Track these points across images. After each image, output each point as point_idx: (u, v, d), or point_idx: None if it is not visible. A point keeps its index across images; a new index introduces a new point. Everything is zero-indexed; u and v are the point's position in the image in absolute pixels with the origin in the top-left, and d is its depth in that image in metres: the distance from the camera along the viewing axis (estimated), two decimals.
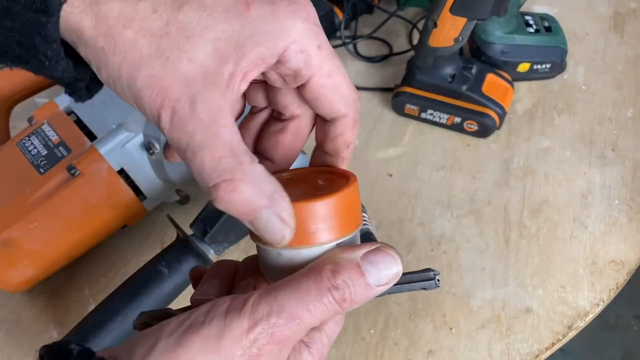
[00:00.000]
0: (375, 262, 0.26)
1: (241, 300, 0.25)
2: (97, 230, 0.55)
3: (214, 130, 0.24)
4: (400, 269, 0.27)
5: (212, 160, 0.24)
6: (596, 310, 0.55)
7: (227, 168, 0.24)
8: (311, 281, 0.25)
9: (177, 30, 0.25)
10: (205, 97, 0.24)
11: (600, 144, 0.67)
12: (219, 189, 0.24)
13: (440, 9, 0.60)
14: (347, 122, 0.30)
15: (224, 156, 0.24)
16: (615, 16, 0.82)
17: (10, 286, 0.53)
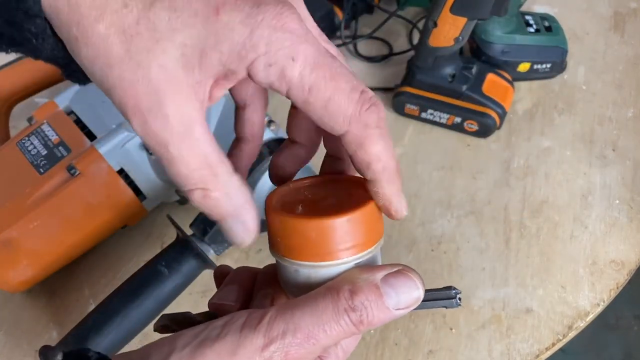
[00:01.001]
0: (396, 285, 0.26)
1: (257, 316, 0.25)
2: (97, 230, 0.55)
3: (187, 144, 0.25)
4: (421, 294, 0.26)
5: (187, 170, 0.25)
6: (596, 310, 0.55)
7: (201, 179, 0.25)
8: (328, 301, 0.25)
9: (147, 31, 0.24)
10: (176, 109, 0.24)
11: (601, 144, 0.67)
12: (193, 193, 0.26)
13: (441, 8, 0.60)
14: (351, 140, 0.26)
15: (198, 168, 0.25)
16: (615, 16, 0.82)
17: (10, 286, 0.53)
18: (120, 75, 0.24)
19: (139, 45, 0.24)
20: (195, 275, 0.50)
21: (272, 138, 0.52)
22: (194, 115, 0.24)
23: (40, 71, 0.62)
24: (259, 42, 0.23)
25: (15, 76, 0.61)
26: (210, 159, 0.25)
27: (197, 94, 0.24)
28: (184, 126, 0.24)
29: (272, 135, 0.52)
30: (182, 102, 0.24)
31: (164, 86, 0.24)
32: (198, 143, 0.25)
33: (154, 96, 0.24)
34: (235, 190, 0.26)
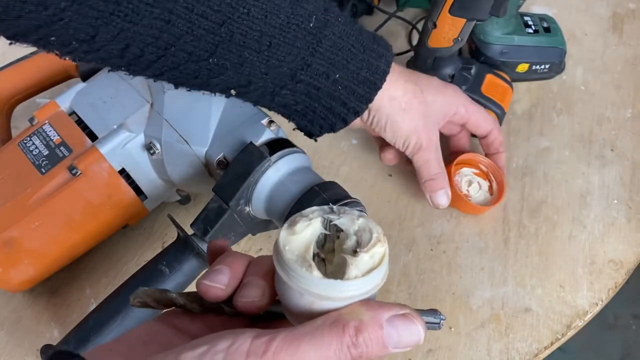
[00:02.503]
0: (399, 328, 0.26)
1: (263, 343, 0.25)
2: (98, 230, 0.55)
3: (437, 156, 0.56)
4: (421, 339, 0.27)
5: (436, 165, 0.56)
6: (595, 310, 0.55)
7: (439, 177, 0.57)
8: (334, 335, 0.25)
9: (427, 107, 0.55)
10: (435, 133, 0.56)
11: (599, 144, 0.68)
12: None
13: (440, 9, 0.61)
14: (496, 132, 0.60)
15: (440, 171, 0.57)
16: (614, 17, 0.83)
17: (12, 286, 0.53)
18: (416, 126, 0.54)
19: (422, 113, 0.54)
20: (196, 274, 0.50)
21: (272, 138, 0.52)
22: (436, 139, 0.56)
23: (42, 72, 0.62)
24: (456, 100, 0.57)
25: (16, 77, 0.61)
26: (442, 164, 0.57)
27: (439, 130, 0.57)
28: (436, 147, 0.56)
29: (272, 135, 0.52)
30: (435, 136, 0.56)
31: (431, 128, 0.56)
32: (439, 156, 0.57)
33: (427, 134, 0.55)
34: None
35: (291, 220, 0.30)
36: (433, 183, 0.56)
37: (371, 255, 0.28)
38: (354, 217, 0.30)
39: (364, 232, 0.30)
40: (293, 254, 0.28)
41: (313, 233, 0.30)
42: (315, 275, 0.27)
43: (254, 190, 0.50)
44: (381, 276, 0.28)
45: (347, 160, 0.68)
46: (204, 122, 0.53)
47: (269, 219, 0.53)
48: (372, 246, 0.29)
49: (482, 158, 0.63)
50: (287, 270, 0.28)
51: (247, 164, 0.49)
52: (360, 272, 0.28)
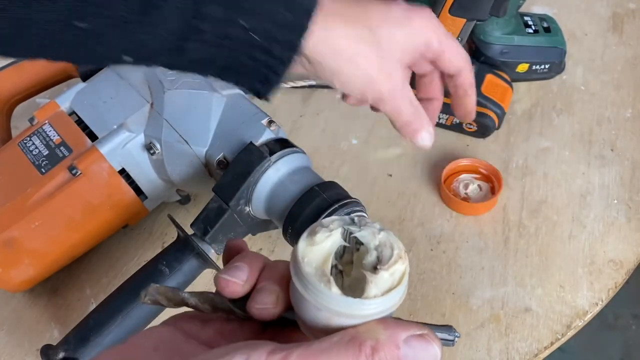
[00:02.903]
0: (416, 349, 0.26)
1: (279, 359, 0.25)
2: (98, 229, 0.55)
3: (406, 99, 0.45)
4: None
5: (406, 109, 0.45)
6: (595, 310, 0.55)
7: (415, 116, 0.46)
8: (350, 353, 0.25)
9: (382, 40, 0.43)
10: (396, 76, 0.44)
11: (599, 144, 0.68)
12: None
13: (439, 9, 0.61)
14: (468, 71, 0.47)
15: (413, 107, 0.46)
16: (614, 17, 0.83)
17: (12, 286, 0.53)
18: (367, 56, 0.43)
19: (374, 45, 0.43)
20: (196, 274, 0.50)
21: (272, 138, 0.52)
22: (402, 77, 0.45)
23: (42, 72, 0.62)
24: (426, 31, 0.44)
25: (16, 77, 0.61)
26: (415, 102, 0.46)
27: (404, 67, 0.45)
28: (401, 83, 0.45)
29: (272, 135, 0.52)
30: (398, 72, 0.44)
31: (393, 63, 0.44)
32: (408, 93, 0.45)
33: (387, 68, 0.44)
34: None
35: (311, 230, 0.29)
36: (408, 128, 0.46)
37: (391, 273, 0.28)
38: (375, 231, 0.29)
39: (385, 248, 0.29)
40: (311, 267, 0.28)
41: (333, 245, 0.29)
42: (334, 292, 0.27)
43: (254, 190, 0.50)
44: (400, 295, 0.28)
45: (347, 160, 0.68)
46: (204, 122, 0.53)
47: (269, 219, 0.53)
48: (393, 264, 0.28)
49: (479, 162, 0.63)
50: (304, 284, 0.28)
51: (247, 164, 0.49)
52: (380, 291, 0.27)
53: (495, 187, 0.63)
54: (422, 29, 0.45)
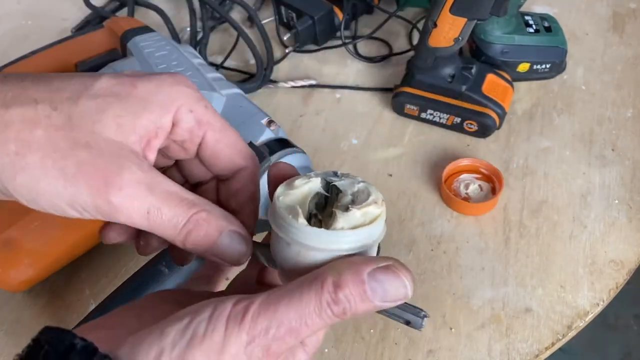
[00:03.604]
0: (383, 281, 0.25)
1: (241, 309, 0.25)
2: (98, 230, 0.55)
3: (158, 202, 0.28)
4: (409, 293, 0.26)
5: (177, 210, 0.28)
6: (596, 310, 0.55)
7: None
8: (312, 293, 0.25)
9: (82, 120, 0.27)
10: (130, 177, 0.27)
11: (600, 144, 0.67)
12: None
13: (440, 9, 0.61)
14: (248, 174, 0.32)
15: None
16: (614, 16, 0.82)
17: (11, 286, 0.53)
18: (79, 161, 0.27)
19: (80, 132, 0.27)
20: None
21: (272, 138, 0.52)
22: (142, 176, 0.28)
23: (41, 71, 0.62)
24: (178, 96, 0.29)
25: None
26: (182, 194, 0.29)
27: (139, 155, 0.28)
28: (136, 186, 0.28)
29: (272, 135, 0.52)
30: (132, 167, 0.27)
31: (117, 154, 0.27)
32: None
33: (114, 166, 0.27)
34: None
35: (292, 178, 0.30)
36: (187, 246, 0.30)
37: (363, 213, 0.28)
38: (355, 182, 0.30)
39: (362, 193, 0.29)
40: (284, 204, 0.28)
41: (310, 190, 0.30)
42: (301, 222, 0.27)
43: None
44: (370, 235, 0.28)
45: (347, 160, 0.68)
46: None
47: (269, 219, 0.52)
48: (366, 205, 0.28)
49: (479, 162, 0.64)
50: (276, 220, 0.28)
51: None
52: (348, 225, 0.27)
53: (495, 187, 0.63)
54: (162, 98, 0.29)
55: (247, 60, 0.80)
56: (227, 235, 0.29)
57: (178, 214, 0.28)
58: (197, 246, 0.29)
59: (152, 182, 0.27)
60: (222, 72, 0.69)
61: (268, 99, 0.74)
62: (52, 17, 0.90)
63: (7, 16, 0.91)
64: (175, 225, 0.28)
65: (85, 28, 0.83)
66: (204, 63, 0.60)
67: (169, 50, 0.59)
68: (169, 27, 0.79)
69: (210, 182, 0.34)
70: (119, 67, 0.58)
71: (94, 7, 0.87)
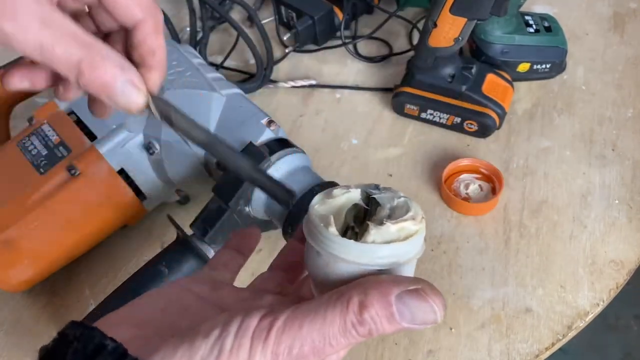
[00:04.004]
0: (411, 306, 0.24)
1: (267, 324, 0.24)
2: (97, 230, 0.55)
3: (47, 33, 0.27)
4: (438, 319, 0.25)
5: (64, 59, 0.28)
6: (596, 310, 0.55)
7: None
8: (337, 312, 0.24)
9: None
10: (24, 9, 0.26)
11: (600, 144, 0.67)
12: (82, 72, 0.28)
13: (440, 9, 0.60)
14: (147, 28, 0.31)
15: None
16: (615, 16, 0.82)
17: (11, 286, 0.53)
18: None
19: None
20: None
21: (272, 138, 0.52)
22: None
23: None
24: None
25: None
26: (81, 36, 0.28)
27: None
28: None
29: (272, 135, 0.52)
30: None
31: None
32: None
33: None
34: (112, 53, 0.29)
35: (332, 188, 0.29)
36: (87, 76, 0.29)
37: (399, 228, 0.26)
38: (396, 196, 0.28)
39: (400, 208, 0.28)
40: (318, 213, 0.27)
41: (348, 201, 0.29)
42: (331, 231, 0.26)
43: (253, 191, 0.50)
44: (405, 252, 0.26)
45: (347, 160, 0.67)
46: (203, 121, 0.53)
47: (269, 219, 0.52)
48: (403, 220, 0.26)
49: (479, 162, 0.64)
50: (309, 227, 0.27)
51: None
52: (380, 239, 0.26)
53: (496, 187, 0.63)
54: None
55: (247, 60, 0.80)
56: (120, 83, 0.29)
57: (72, 53, 0.27)
58: (92, 87, 0.29)
59: (47, 17, 0.27)
60: (222, 72, 0.69)
61: (268, 99, 0.74)
62: None
63: None
64: (68, 62, 0.28)
65: None
66: (204, 63, 0.60)
67: (169, 50, 0.59)
68: (169, 27, 0.79)
69: (119, 32, 0.34)
70: None
71: None
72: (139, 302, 0.29)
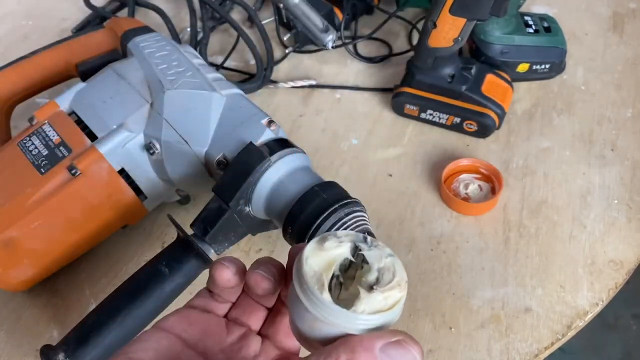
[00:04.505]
0: (394, 357, 0.26)
1: None
2: (98, 230, 0.55)
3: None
4: None
5: None
6: (595, 310, 0.55)
7: None
8: None
9: None
10: None
11: (600, 144, 0.68)
12: None
13: (440, 9, 0.61)
14: None
15: None
16: (614, 16, 0.82)
17: (11, 286, 0.53)
18: None
19: None
20: (196, 275, 0.50)
21: (272, 138, 0.52)
22: None
23: (42, 72, 0.62)
24: None
25: (16, 77, 0.61)
26: None
27: None
28: None
29: (272, 135, 0.52)
30: None
31: None
32: None
33: None
34: None
35: (323, 236, 0.30)
36: None
37: (386, 297, 0.28)
38: (384, 255, 0.30)
39: (387, 272, 0.29)
40: (312, 269, 0.29)
41: (339, 255, 0.30)
42: (325, 297, 0.27)
43: (253, 190, 0.50)
44: (388, 320, 0.28)
45: (347, 160, 0.68)
46: (203, 122, 0.53)
47: (269, 219, 0.52)
48: (390, 289, 0.28)
49: (479, 162, 0.64)
50: (301, 282, 0.29)
51: (247, 164, 0.49)
52: (369, 309, 0.28)
53: (495, 187, 0.63)
54: None
55: (247, 61, 0.80)
56: None
57: None
58: None
59: None
60: (222, 73, 0.69)
61: (268, 99, 0.74)
62: (52, 17, 0.90)
63: (7, 16, 0.91)
64: None
65: (85, 28, 0.83)
66: (204, 63, 0.60)
67: (169, 50, 0.59)
68: (169, 28, 0.79)
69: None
70: (119, 67, 0.58)
71: (94, 8, 0.87)
72: (131, 356, 0.29)
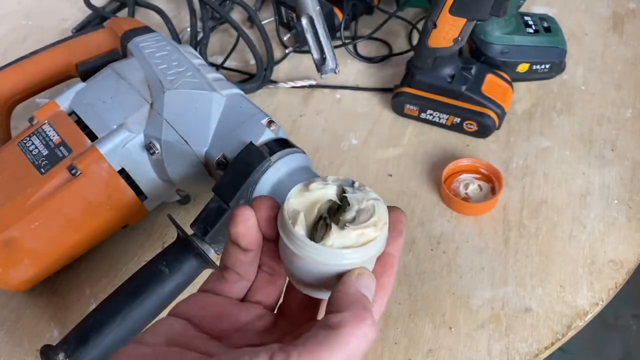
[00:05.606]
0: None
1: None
2: (98, 230, 0.55)
3: None
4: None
5: None
6: (595, 310, 0.55)
7: None
8: (355, 325, 0.26)
9: None
10: None
11: (600, 144, 0.68)
12: None
13: (440, 9, 0.61)
14: None
15: None
16: (614, 16, 0.83)
17: (11, 286, 0.53)
18: None
19: None
20: (196, 274, 0.50)
21: (272, 138, 0.52)
22: None
23: (42, 72, 0.62)
24: None
25: (16, 77, 0.61)
26: None
27: None
28: None
29: (272, 135, 0.52)
30: None
31: None
32: None
33: None
34: None
35: (310, 180, 0.31)
36: None
37: (359, 234, 0.28)
38: (366, 198, 0.30)
39: (365, 213, 0.29)
40: (291, 207, 0.29)
41: (323, 196, 0.30)
42: (297, 230, 0.28)
43: (253, 191, 0.50)
44: (359, 256, 0.28)
45: (347, 160, 0.68)
46: (203, 122, 0.53)
47: None
48: (364, 227, 0.29)
49: (479, 162, 0.64)
50: (281, 218, 0.30)
51: (247, 164, 0.49)
52: (337, 244, 0.28)
53: (495, 187, 0.63)
54: None
55: (247, 61, 0.80)
56: None
57: None
58: None
59: None
60: (222, 73, 0.69)
61: (268, 99, 0.74)
62: (52, 18, 0.90)
63: (7, 16, 0.91)
64: None
65: (85, 28, 0.83)
66: (204, 63, 0.60)
67: (170, 50, 0.59)
68: (169, 28, 0.79)
69: None
70: (120, 67, 0.58)
71: (94, 8, 0.87)
72: (144, 339, 0.29)
